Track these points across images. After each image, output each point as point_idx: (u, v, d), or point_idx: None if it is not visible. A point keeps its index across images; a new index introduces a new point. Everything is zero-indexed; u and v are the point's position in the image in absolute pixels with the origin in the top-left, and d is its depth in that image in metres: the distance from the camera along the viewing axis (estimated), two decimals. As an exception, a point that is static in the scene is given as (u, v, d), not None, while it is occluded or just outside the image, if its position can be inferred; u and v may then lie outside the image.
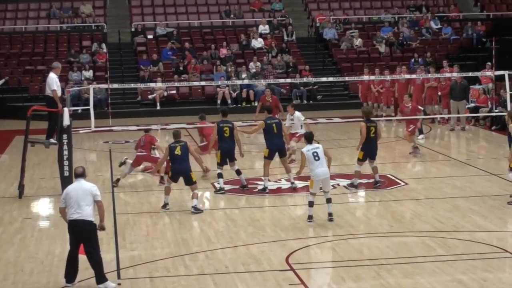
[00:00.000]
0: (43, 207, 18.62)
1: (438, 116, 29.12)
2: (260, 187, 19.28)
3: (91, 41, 38.69)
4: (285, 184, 19.63)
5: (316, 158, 15.96)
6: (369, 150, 18.83)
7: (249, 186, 19.39)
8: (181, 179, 17.42)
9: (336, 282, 12.55)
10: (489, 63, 29.55)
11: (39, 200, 19.03)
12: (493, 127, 28.34)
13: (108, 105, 29.44)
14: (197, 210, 17.10)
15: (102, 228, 12.57)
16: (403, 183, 19.62)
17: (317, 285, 12.29)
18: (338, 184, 19.38)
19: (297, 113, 22.36)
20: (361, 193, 18.78)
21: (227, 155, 19.23)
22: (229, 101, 34.38)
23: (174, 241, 14.96)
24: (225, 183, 19.33)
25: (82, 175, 12.61)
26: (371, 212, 17.13)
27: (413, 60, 36.24)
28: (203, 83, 32.33)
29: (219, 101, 34.03)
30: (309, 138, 16.41)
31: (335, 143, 25.80)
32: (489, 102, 29.60)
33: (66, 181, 18.72)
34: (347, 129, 26.81)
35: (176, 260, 13.80)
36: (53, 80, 19.14)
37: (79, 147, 25.19)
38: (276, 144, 19.08)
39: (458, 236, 14.86)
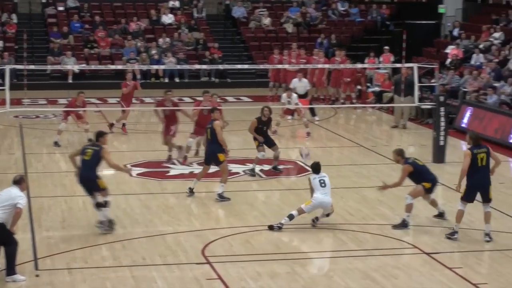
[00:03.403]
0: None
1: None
2: None
3: (1, 10, 37.68)
4: (197, 169, 19.45)
5: (322, 184, 15.16)
6: None
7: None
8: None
9: (251, 277, 12.72)
10: (387, 47, 32.02)
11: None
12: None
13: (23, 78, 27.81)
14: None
15: None
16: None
17: (233, 280, 12.51)
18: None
19: (294, 95, 24.83)
20: (269, 179, 19.13)
21: None
22: (138, 76, 33.96)
23: (90, 229, 14.90)
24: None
25: (15, 182, 12.65)
26: (283, 202, 17.28)
27: (319, 40, 36.60)
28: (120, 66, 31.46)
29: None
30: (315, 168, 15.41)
31: (245, 124, 25.71)
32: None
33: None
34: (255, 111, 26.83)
35: (93, 249, 13.88)
36: None
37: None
38: None
39: (369, 229, 15.20)
